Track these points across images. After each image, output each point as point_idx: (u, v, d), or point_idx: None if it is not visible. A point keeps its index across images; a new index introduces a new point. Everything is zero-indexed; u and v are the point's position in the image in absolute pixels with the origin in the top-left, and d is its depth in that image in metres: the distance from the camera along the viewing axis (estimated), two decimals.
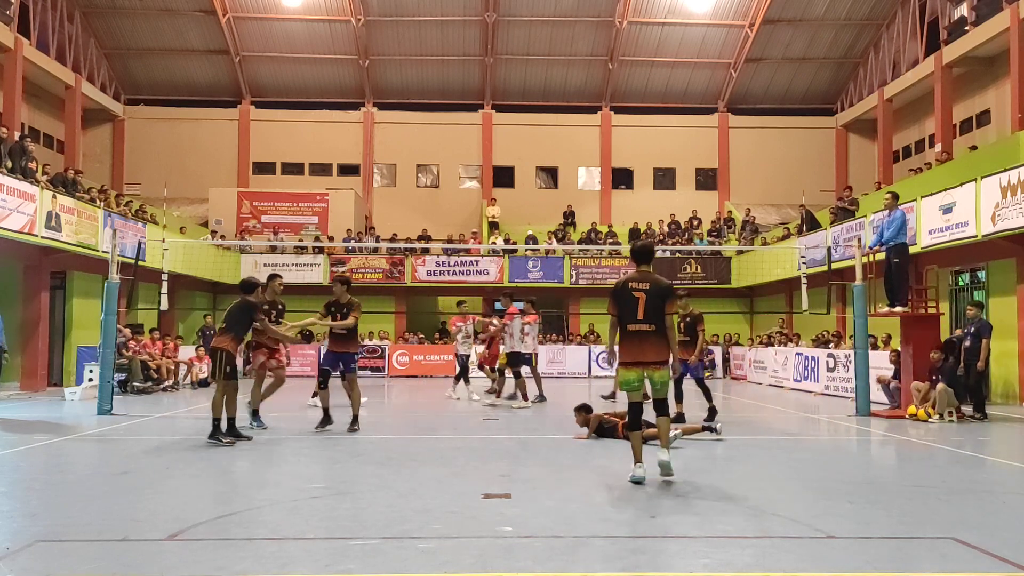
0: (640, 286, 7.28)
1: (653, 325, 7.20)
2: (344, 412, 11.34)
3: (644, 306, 7.20)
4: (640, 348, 7.21)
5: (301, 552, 5.07)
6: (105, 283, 14.22)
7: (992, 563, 4.77)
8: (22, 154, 17.43)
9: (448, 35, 30.72)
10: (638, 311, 7.21)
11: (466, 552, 4.98)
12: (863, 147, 32.05)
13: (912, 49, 27.54)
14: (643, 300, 7.21)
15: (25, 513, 6.03)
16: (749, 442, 10.48)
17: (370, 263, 27.22)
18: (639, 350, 7.20)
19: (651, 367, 7.21)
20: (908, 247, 14.13)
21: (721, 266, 27.58)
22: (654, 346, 7.21)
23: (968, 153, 21.74)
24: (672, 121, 32.73)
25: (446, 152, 32.60)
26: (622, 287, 7.37)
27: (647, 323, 7.20)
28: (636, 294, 7.25)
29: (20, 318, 18.20)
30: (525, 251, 27.75)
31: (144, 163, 30.99)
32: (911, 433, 11.30)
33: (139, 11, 29.27)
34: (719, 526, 5.64)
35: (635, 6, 29.67)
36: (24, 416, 13.06)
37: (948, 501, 6.56)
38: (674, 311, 7.50)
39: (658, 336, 7.21)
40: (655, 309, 7.21)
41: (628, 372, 7.25)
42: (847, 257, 17.93)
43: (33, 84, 25.38)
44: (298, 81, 32.38)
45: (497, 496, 6.59)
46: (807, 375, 19.44)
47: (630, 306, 7.25)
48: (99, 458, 9.10)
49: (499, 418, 13.24)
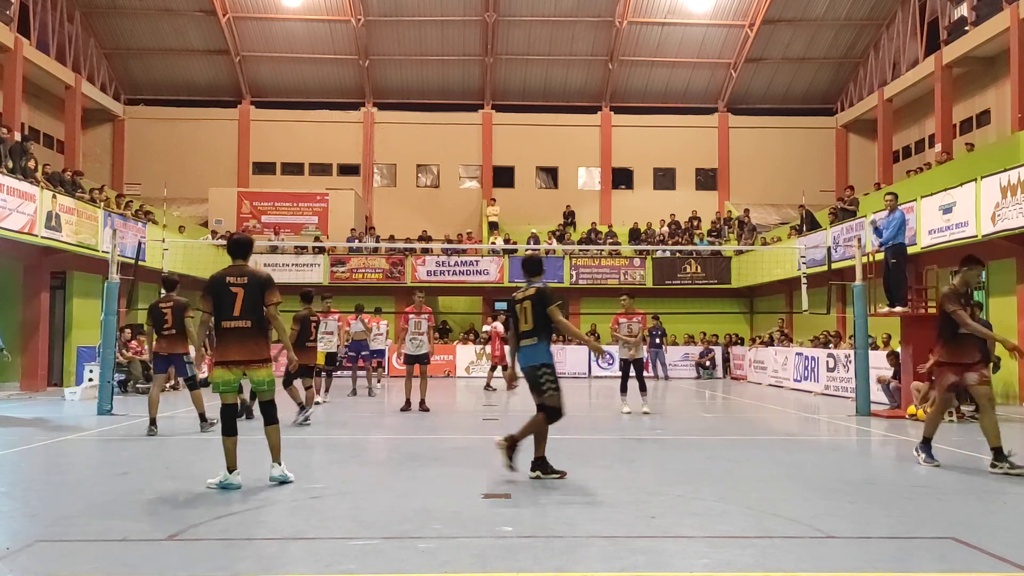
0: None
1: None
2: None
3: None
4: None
5: (301, 552, 5.07)
6: (105, 283, 14.23)
7: (992, 563, 4.76)
8: (22, 154, 17.44)
9: (448, 35, 30.72)
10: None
11: (466, 552, 4.98)
12: (863, 147, 32.05)
13: (912, 49, 27.55)
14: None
15: (25, 513, 6.03)
16: (749, 442, 10.48)
17: (370, 263, 27.21)
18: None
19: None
20: (906, 247, 14.14)
21: (721, 266, 27.57)
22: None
23: (968, 153, 21.74)
24: (672, 121, 32.73)
25: (446, 152, 32.60)
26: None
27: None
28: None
29: (20, 318, 18.20)
30: (525, 251, 27.72)
31: (144, 163, 30.99)
32: (911, 433, 11.29)
33: (139, 11, 29.28)
34: (719, 526, 5.63)
35: (635, 6, 29.66)
36: (24, 416, 13.05)
37: (948, 501, 6.55)
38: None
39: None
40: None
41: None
42: (847, 257, 17.93)
43: (33, 84, 25.39)
44: (298, 81, 32.38)
45: (497, 496, 6.59)
46: (807, 375, 19.44)
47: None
48: (99, 458, 9.10)
49: (499, 418, 13.24)
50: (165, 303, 10.73)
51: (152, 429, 10.38)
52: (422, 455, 8.97)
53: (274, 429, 7.10)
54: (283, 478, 7.00)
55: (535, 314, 7.35)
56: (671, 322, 25.63)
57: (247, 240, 7.28)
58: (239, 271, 7.02)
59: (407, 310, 14.33)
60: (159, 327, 10.59)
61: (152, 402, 10.62)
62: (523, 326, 7.44)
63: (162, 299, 10.92)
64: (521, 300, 7.49)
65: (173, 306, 10.66)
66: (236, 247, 7.17)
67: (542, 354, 7.40)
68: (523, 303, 7.45)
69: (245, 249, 7.16)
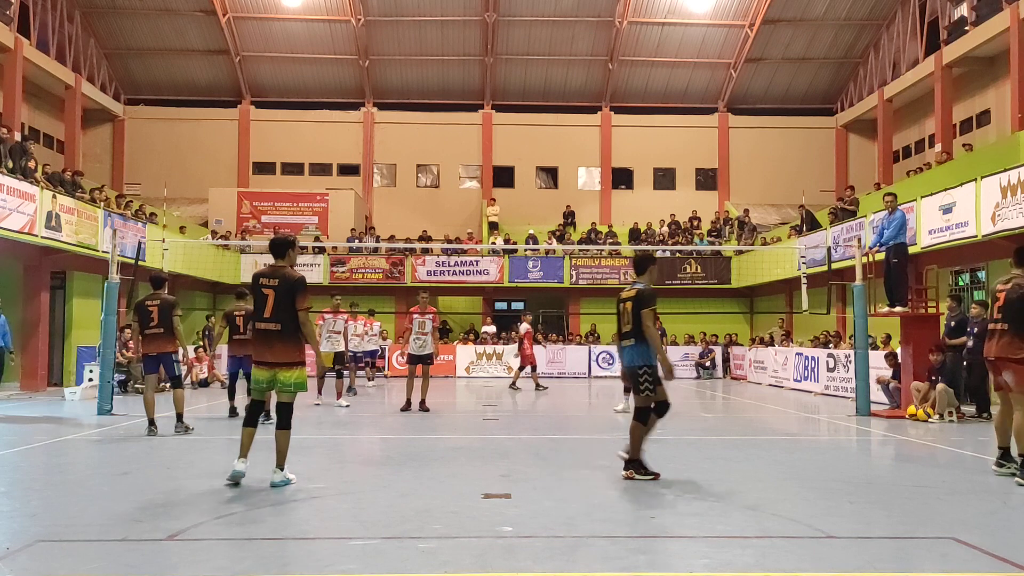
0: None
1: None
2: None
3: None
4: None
5: (301, 552, 5.07)
6: (105, 283, 14.23)
7: (992, 563, 4.76)
8: (22, 154, 17.43)
9: (448, 35, 30.71)
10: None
11: (466, 552, 4.98)
12: (863, 147, 32.05)
13: (912, 49, 27.55)
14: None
15: (25, 513, 6.03)
16: (749, 442, 10.48)
17: (370, 263, 27.21)
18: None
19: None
20: (907, 247, 14.14)
21: (721, 266, 27.57)
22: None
23: (968, 153, 21.73)
24: (672, 121, 32.72)
25: (446, 152, 32.59)
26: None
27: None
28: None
29: (20, 318, 18.19)
30: (525, 251, 27.74)
31: (144, 163, 30.99)
32: (911, 433, 11.30)
33: (139, 11, 29.27)
34: (719, 526, 5.63)
35: (635, 6, 29.66)
36: (24, 416, 13.05)
37: (948, 501, 6.55)
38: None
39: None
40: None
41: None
42: (847, 257, 17.93)
43: (33, 84, 25.38)
44: (298, 81, 32.38)
45: (497, 496, 6.59)
46: (807, 375, 19.44)
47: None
48: (99, 458, 9.10)
49: (499, 418, 13.25)
50: (152, 300, 10.63)
51: (152, 429, 10.37)
52: (422, 455, 8.97)
53: (284, 434, 7.01)
54: (284, 483, 6.95)
55: (634, 315, 7.32)
56: (671, 322, 25.62)
57: (282, 240, 7.19)
58: (272, 272, 7.02)
59: (412, 310, 14.35)
60: (144, 324, 10.51)
61: (148, 404, 10.60)
62: (624, 326, 7.42)
63: (149, 296, 10.79)
64: (624, 300, 7.46)
65: (160, 304, 10.56)
66: (272, 247, 7.16)
67: (642, 355, 7.36)
68: (625, 303, 7.43)
69: (280, 249, 7.11)
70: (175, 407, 10.72)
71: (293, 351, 6.95)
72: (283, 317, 6.88)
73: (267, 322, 6.90)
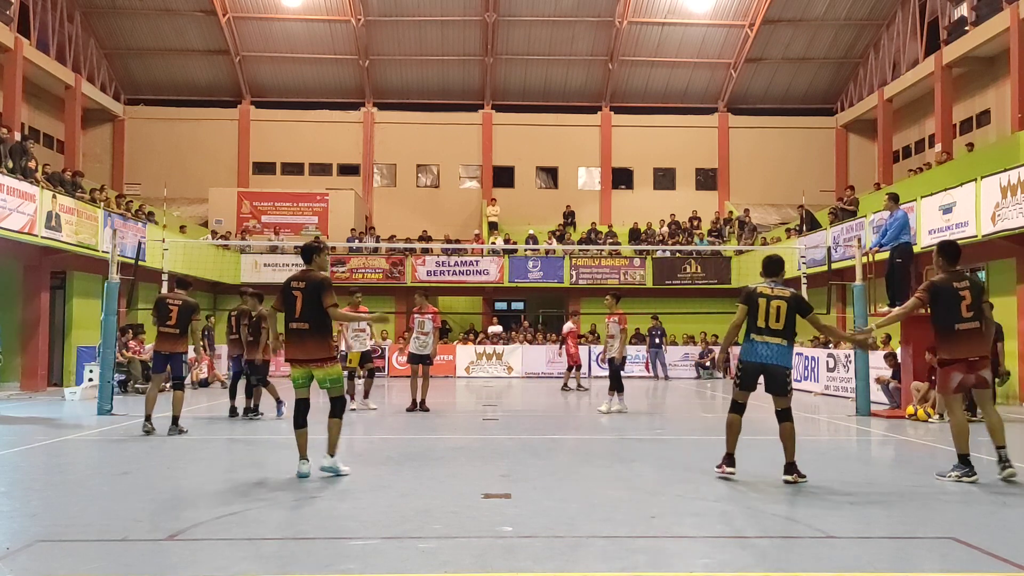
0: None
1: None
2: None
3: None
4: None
5: (301, 552, 5.06)
6: (105, 283, 14.22)
7: (992, 563, 4.76)
8: (22, 154, 17.43)
9: (448, 35, 30.71)
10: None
11: (466, 552, 4.98)
12: (863, 147, 32.05)
13: (912, 49, 27.55)
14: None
15: (25, 513, 6.03)
16: (749, 442, 10.45)
17: (370, 263, 27.21)
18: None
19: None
20: (912, 247, 14.12)
21: (721, 266, 27.56)
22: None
23: (968, 153, 21.74)
24: (672, 121, 32.73)
25: (446, 152, 32.59)
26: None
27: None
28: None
29: (20, 318, 18.19)
30: (525, 251, 27.74)
31: (144, 163, 31.00)
32: (911, 433, 11.30)
33: (139, 11, 29.28)
34: (719, 526, 5.64)
35: (635, 6, 29.66)
36: (24, 416, 13.05)
37: (948, 501, 6.55)
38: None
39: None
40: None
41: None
42: (847, 257, 17.93)
43: (33, 84, 25.38)
44: (298, 81, 32.38)
45: (497, 496, 6.58)
46: (807, 375, 19.44)
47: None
48: (99, 458, 9.10)
49: (499, 418, 13.25)
50: (173, 300, 10.71)
51: (147, 426, 10.36)
52: (422, 455, 8.96)
53: (335, 422, 7.50)
54: (334, 470, 7.39)
55: (788, 317, 7.46)
56: (671, 322, 25.62)
57: (309, 246, 7.73)
58: (301, 275, 7.55)
59: (413, 311, 14.35)
60: (162, 320, 10.55)
61: (149, 400, 10.60)
62: (772, 324, 7.50)
63: (170, 294, 10.93)
64: (773, 297, 7.52)
65: (181, 305, 10.63)
66: (302, 253, 7.72)
67: (791, 357, 7.67)
68: (775, 300, 7.49)
69: (307, 255, 7.66)
70: (173, 408, 10.71)
71: (323, 348, 7.45)
72: (311, 317, 7.37)
73: (298, 322, 7.40)
